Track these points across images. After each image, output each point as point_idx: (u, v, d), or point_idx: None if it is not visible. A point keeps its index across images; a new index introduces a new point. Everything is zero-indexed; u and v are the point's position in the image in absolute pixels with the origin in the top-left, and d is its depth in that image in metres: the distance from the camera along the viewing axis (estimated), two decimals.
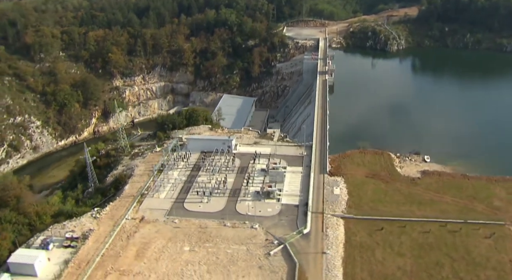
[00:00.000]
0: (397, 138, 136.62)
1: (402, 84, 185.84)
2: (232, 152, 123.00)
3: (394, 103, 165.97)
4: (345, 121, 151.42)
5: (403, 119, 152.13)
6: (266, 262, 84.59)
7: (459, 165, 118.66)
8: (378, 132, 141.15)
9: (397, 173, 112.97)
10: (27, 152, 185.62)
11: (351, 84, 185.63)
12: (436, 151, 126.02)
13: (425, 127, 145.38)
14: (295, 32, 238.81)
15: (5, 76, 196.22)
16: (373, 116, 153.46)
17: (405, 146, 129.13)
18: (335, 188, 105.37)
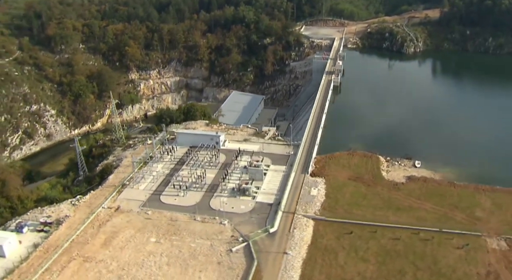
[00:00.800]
0: (395, 141, 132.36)
1: (416, 87, 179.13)
2: (220, 148, 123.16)
3: (402, 105, 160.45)
4: (345, 122, 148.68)
5: (408, 123, 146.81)
6: (226, 258, 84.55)
7: (451, 172, 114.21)
8: (376, 134, 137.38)
9: (382, 177, 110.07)
10: (41, 140, 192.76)
11: (362, 85, 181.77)
12: (431, 156, 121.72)
13: (429, 131, 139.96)
14: (312, 31, 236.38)
15: (25, 65, 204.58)
16: (376, 118, 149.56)
17: (400, 150, 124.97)
18: (313, 189, 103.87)
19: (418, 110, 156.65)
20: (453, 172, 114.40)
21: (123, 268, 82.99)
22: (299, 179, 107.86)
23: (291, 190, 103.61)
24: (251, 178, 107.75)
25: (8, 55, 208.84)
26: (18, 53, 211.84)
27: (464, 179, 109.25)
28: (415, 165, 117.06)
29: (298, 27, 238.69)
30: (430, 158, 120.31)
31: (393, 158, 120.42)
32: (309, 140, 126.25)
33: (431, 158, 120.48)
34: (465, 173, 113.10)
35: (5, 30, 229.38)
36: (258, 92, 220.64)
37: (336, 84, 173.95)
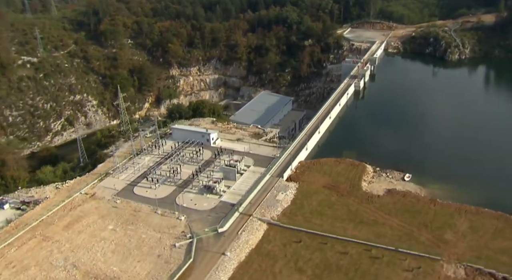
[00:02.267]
0: (398, 152, 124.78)
1: (454, 97, 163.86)
2: (210, 145, 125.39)
3: (431, 117, 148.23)
4: (355, 128, 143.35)
5: (425, 134, 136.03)
6: (167, 252, 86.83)
7: (441, 189, 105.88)
8: (383, 145, 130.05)
9: (360, 187, 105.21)
10: (80, 128, 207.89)
11: (391, 91, 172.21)
12: (429, 170, 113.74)
13: (444, 145, 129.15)
14: (356, 34, 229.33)
15: (76, 58, 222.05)
16: (391, 128, 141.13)
17: (399, 161, 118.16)
18: (281, 194, 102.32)
19: (446, 123, 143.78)
20: (444, 189, 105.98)
21: (73, 250, 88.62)
22: (271, 183, 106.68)
23: (259, 192, 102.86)
24: (225, 177, 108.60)
25: (64, 48, 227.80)
26: (72, 47, 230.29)
27: (453, 197, 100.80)
28: (404, 178, 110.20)
29: (342, 30, 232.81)
30: (428, 172, 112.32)
31: (383, 169, 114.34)
32: (301, 144, 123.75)
33: (429, 172, 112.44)
34: (458, 191, 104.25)
35: (68, 25, 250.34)
36: (293, 93, 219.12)
37: (358, 89, 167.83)
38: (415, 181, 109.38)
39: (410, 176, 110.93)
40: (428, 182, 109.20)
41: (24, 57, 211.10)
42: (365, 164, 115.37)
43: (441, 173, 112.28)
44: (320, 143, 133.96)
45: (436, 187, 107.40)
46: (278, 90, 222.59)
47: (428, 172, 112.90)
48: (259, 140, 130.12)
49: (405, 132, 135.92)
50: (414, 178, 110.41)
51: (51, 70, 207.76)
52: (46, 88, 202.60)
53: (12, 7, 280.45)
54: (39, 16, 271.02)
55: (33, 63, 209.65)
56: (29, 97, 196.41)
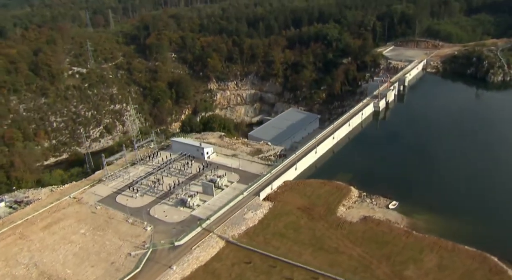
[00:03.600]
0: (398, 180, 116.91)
1: (483, 122, 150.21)
2: (204, 159, 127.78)
3: (448, 141, 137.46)
4: (359, 151, 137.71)
5: (436, 163, 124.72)
6: (121, 260, 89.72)
7: (424, 220, 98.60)
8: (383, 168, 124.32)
9: (335, 212, 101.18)
10: (117, 135, 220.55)
11: (418, 114, 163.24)
12: (422, 200, 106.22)
13: (454, 176, 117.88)
14: (397, 52, 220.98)
15: (120, 70, 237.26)
16: (398, 151, 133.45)
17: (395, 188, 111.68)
18: (251, 213, 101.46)
19: (467, 153, 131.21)
20: (430, 221, 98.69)
21: (40, 250, 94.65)
22: (246, 201, 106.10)
23: (230, 209, 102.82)
24: (204, 191, 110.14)
25: (113, 60, 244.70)
26: (120, 59, 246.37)
27: (437, 232, 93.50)
28: (389, 206, 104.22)
29: (383, 48, 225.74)
30: (423, 203, 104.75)
31: (370, 195, 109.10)
32: (292, 163, 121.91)
33: (424, 203, 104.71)
34: (444, 225, 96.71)
35: (122, 38, 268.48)
36: (326, 111, 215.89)
37: (377, 109, 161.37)
38: (400, 210, 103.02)
39: (396, 204, 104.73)
40: (415, 212, 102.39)
41: (75, 68, 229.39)
42: (351, 188, 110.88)
43: (434, 204, 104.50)
44: (318, 163, 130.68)
45: (421, 218, 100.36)
46: (312, 107, 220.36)
47: (420, 202, 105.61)
48: (253, 157, 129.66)
49: (414, 159, 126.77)
50: (401, 207, 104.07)
51: (95, 80, 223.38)
52: (89, 97, 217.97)
53: (78, 22, 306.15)
54: (99, 30, 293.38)
55: (81, 73, 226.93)
56: (73, 105, 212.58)
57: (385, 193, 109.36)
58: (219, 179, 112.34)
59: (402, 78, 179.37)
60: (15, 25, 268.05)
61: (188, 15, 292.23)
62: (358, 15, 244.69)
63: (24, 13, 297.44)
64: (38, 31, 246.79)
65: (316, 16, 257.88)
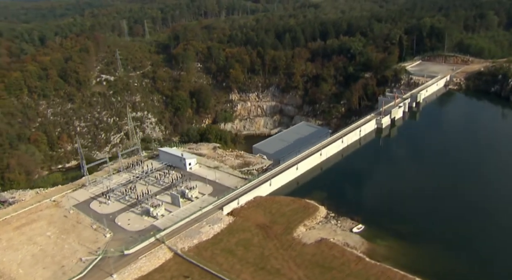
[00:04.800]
0: (376, 203, 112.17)
1: (495, 145, 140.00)
2: (186, 170, 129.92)
3: (452, 165, 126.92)
4: (349, 169, 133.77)
5: (427, 190, 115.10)
6: (71, 264, 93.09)
7: (387, 247, 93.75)
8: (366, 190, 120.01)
9: (292, 232, 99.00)
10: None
11: (426, 132, 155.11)
12: (394, 226, 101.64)
13: (440, 204, 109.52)
14: (422, 67, 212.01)
15: (146, 78, 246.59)
16: (390, 173, 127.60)
17: (368, 211, 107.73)
18: (208, 226, 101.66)
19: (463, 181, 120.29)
20: (393, 248, 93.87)
21: (4, 249, 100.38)
22: (207, 214, 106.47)
23: (189, 222, 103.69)
24: (172, 202, 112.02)
25: (141, 69, 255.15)
26: (148, 68, 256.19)
27: (395, 260, 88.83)
28: (353, 229, 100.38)
29: (409, 62, 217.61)
30: (395, 228, 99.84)
31: (338, 216, 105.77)
32: (266, 179, 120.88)
33: (396, 229, 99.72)
34: (406, 254, 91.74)
35: (154, 48, 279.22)
36: (344, 126, 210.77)
37: (380, 126, 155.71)
38: (364, 234, 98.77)
39: (361, 227, 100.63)
40: (380, 237, 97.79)
41: (103, 75, 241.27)
42: (320, 207, 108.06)
43: (404, 232, 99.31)
44: (301, 180, 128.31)
45: (384, 244, 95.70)
46: (329, 121, 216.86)
47: (389, 228, 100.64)
48: (235, 170, 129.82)
49: (402, 184, 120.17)
50: (366, 231, 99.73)
51: (120, 88, 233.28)
52: (112, 104, 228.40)
53: (117, 31, 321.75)
54: (135, 39, 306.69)
55: (109, 81, 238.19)
56: (96, 111, 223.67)
57: (355, 216, 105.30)
58: (187, 191, 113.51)
59: (414, 95, 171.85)
60: (56, 34, 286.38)
61: (221, 25, 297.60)
62: (385, 28, 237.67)
63: (67, 23, 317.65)
64: (75, 40, 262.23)
65: (344, 29, 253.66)
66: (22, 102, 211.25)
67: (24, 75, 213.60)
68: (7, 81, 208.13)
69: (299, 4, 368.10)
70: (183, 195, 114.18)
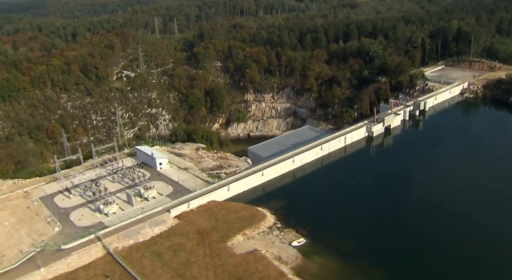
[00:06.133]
0: (335, 220, 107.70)
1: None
2: (156, 169, 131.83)
3: (438, 182, 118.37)
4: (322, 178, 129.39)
5: (402, 206, 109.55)
6: (11, 255, 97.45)
7: (319, 264, 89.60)
8: (330, 202, 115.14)
9: (228, 240, 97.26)
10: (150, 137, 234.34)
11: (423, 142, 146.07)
12: (342, 243, 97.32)
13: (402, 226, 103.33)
14: (443, 73, 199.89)
15: (165, 75, 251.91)
16: (366, 185, 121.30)
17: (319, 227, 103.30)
18: (149, 228, 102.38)
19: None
20: (327, 266, 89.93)
21: None
22: (154, 215, 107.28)
23: (134, 222, 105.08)
24: (127, 201, 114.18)
25: (163, 66, 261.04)
26: (170, 66, 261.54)
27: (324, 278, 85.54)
28: (293, 243, 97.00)
29: (430, 67, 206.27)
30: (341, 246, 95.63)
31: (283, 228, 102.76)
32: (225, 183, 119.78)
33: (342, 247, 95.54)
34: (338, 274, 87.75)
35: (181, 45, 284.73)
36: None
37: (371, 135, 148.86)
38: (303, 249, 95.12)
39: (303, 242, 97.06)
40: (319, 253, 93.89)
41: (125, 71, 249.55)
42: (268, 216, 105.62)
43: (348, 249, 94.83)
44: (268, 186, 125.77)
45: (320, 261, 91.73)
46: (340, 126, 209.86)
47: (335, 244, 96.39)
48: (204, 172, 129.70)
49: (373, 201, 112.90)
50: (307, 245, 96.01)
51: (138, 84, 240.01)
52: (128, 100, 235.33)
53: (151, 27, 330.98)
54: (166, 36, 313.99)
55: (129, 77, 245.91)
56: (113, 106, 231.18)
57: (302, 228, 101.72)
58: (143, 190, 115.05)
59: (417, 102, 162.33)
60: (89, 30, 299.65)
61: (249, 24, 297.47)
62: (408, 30, 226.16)
63: (101, 20, 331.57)
64: (104, 36, 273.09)
65: (369, 30, 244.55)
66: (45, 94, 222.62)
67: (49, 69, 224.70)
68: (32, 74, 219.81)
69: (337, 4, 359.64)
70: (139, 194, 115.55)
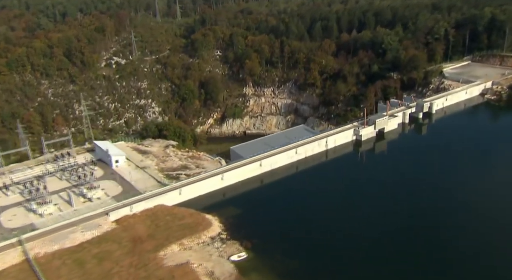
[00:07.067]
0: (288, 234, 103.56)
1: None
2: (112, 167, 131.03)
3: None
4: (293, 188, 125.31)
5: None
6: None
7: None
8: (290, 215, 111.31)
9: (161, 250, 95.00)
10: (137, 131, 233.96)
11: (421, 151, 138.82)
12: (288, 262, 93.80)
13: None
14: (466, 70, 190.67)
15: (158, 64, 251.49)
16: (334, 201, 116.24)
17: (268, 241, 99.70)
18: (80, 232, 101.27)
19: None
20: None
21: None
22: (90, 218, 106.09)
23: (66, 225, 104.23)
24: (67, 201, 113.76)
25: (158, 53, 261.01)
26: (165, 53, 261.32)
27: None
28: (233, 257, 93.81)
29: (453, 63, 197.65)
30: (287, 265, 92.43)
31: (227, 239, 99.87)
32: (177, 186, 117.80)
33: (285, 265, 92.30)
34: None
35: (182, 31, 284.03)
36: None
37: (359, 138, 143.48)
38: (242, 264, 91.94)
39: (243, 256, 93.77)
40: (258, 270, 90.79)
41: (115, 58, 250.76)
42: (215, 225, 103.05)
43: (293, 268, 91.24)
44: (229, 191, 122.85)
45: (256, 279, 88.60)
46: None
47: (281, 261, 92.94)
48: (161, 172, 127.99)
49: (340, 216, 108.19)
50: (247, 261, 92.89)
51: (127, 72, 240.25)
52: (116, 89, 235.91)
53: (153, 9, 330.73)
54: (167, 20, 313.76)
55: (119, 64, 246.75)
56: (98, 95, 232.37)
57: (249, 241, 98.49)
58: (86, 190, 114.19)
59: (421, 103, 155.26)
60: (81, 11, 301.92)
61: (259, 10, 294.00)
62: (430, 19, 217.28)
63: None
64: (96, 18, 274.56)
65: (388, 19, 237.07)
66: (23, 79, 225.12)
67: (29, 52, 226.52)
68: (10, 57, 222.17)
69: None
70: (83, 194, 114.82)
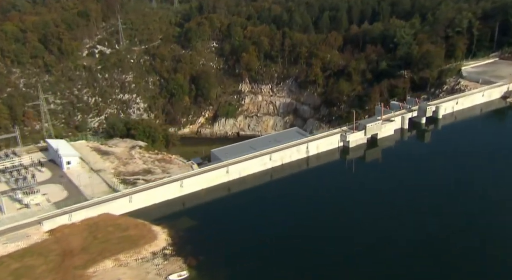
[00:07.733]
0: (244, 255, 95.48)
1: None
2: (62, 169, 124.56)
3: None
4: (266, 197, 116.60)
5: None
6: None
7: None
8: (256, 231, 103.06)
9: (91, 266, 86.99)
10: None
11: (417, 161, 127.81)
12: None
13: None
14: (491, 69, 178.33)
15: (146, 55, 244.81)
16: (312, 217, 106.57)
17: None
18: (3, 244, 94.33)
19: None
20: None
21: None
22: (20, 228, 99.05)
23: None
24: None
25: (148, 43, 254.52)
26: (156, 43, 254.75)
27: None
28: (170, 276, 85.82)
29: (476, 61, 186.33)
30: None
31: (172, 255, 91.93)
32: (127, 193, 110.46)
33: None
34: None
35: (177, 19, 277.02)
36: None
37: (346, 145, 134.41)
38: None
39: (184, 275, 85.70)
40: None
41: (99, 47, 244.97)
42: (161, 239, 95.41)
43: None
44: (190, 200, 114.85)
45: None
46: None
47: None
48: (118, 176, 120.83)
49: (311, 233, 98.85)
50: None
51: (111, 63, 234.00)
52: (97, 81, 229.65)
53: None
54: (164, 6, 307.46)
55: (103, 54, 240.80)
56: (76, 87, 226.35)
57: (195, 258, 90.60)
58: (21, 195, 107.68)
59: (422, 106, 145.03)
60: None
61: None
62: (452, 9, 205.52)
63: None
64: (82, 1, 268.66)
65: (406, 9, 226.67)
66: None
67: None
68: None
69: None
70: (19, 200, 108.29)
